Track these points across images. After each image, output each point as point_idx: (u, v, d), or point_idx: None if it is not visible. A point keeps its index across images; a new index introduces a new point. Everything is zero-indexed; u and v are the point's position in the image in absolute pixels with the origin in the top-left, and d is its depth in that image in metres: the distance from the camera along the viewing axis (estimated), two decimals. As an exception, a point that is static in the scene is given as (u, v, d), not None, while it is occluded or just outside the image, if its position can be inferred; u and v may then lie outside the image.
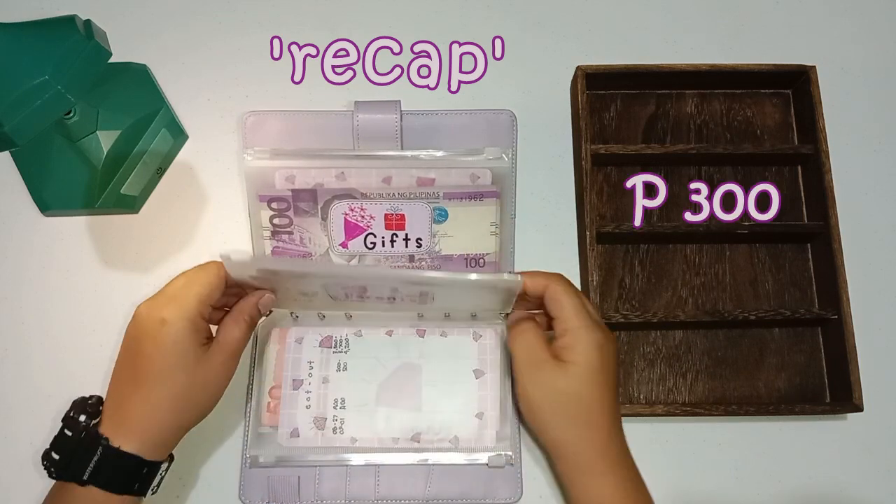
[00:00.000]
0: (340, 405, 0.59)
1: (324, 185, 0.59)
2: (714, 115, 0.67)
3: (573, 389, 0.52)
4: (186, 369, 0.49)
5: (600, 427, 0.52)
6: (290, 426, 0.59)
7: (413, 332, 0.61)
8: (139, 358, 0.49)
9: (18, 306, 0.63)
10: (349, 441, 0.59)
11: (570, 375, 0.52)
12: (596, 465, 0.52)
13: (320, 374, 0.60)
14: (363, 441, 0.58)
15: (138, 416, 0.49)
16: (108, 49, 0.53)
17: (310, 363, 0.60)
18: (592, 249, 0.61)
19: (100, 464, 0.48)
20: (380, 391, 0.59)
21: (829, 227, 0.61)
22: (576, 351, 0.52)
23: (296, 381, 0.60)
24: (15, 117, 0.49)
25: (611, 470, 0.52)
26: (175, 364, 0.49)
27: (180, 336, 0.49)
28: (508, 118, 0.64)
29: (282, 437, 0.59)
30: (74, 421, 0.50)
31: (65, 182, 0.63)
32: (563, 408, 0.52)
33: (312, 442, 0.58)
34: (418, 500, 0.58)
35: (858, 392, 0.58)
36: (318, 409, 0.59)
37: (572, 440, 0.52)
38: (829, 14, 0.71)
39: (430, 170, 0.60)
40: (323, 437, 0.59)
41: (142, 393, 0.49)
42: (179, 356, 0.49)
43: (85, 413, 0.50)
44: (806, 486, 0.60)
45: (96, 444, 0.48)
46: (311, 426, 0.59)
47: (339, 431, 0.59)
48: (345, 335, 0.61)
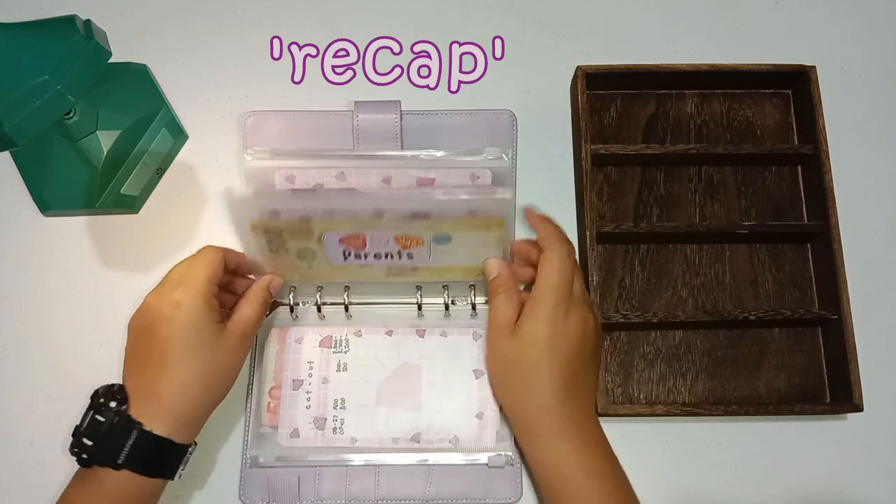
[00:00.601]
0: (340, 405, 0.59)
1: (324, 186, 0.59)
2: (714, 115, 0.67)
3: (515, 353, 0.53)
4: (209, 346, 0.51)
5: (541, 392, 0.52)
6: (290, 426, 0.59)
7: (413, 331, 0.61)
8: (158, 342, 0.50)
9: (18, 306, 0.63)
10: (349, 441, 0.58)
11: (520, 342, 0.53)
12: (541, 428, 0.52)
13: (320, 374, 0.60)
14: (363, 441, 0.58)
15: (168, 397, 0.50)
16: (108, 49, 0.53)
17: (309, 363, 0.60)
18: (592, 249, 0.61)
19: (134, 447, 0.48)
20: (380, 391, 0.59)
21: (829, 227, 0.61)
22: (531, 317, 0.53)
23: (296, 381, 0.60)
24: (15, 117, 0.49)
25: (559, 437, 0.52)
26: (197, 342, 0.50)
27: (197, 315, 0.50)
28: (508, 118, 0.64)
29: (282, 437, 0.58)
30: (105, 406, 0.50)
31: (65, 182, 0.63)
32: (510, 373, 0.54)
33: (312, 442, 0.58)
34: (418, 500, 0.58)
35: (858, 392, 0.58)
36: (318, 409, 0.59)
37: (519, 407, 0.54)
38: (829, 14, 0.71)
39: (430, 170, 0.60)
40: (323, 438, 0.59)
41: (168, 374, 0.50)
42: (200, 334, 0.51)
43: (115, 399, 0.50)
44: (806, 486, 0.60)
45: (130, 427, 0.49)
46: (311, 426, 0.59)
47: (339, 432, 0.59)
48: (344, 335, 0.61)
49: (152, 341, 0.51)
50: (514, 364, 0.53)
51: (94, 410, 0.50)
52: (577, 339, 0.53)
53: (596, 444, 0.53)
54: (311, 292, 0.60)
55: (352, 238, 0.55)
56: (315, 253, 0.56)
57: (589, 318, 0.54)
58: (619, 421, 0.60)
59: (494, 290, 0.56)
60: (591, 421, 0.54)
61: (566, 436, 0.52)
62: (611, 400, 0.61)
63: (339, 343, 0.61)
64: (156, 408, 0.50)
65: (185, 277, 0.52)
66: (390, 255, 0.57)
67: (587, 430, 0.53)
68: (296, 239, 0.55)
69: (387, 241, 0.56)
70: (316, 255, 0.56)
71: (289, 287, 0.60)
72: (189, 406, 0.51)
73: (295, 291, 0.60)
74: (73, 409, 0.60)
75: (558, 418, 0.52)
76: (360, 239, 0.55)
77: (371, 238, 0.55)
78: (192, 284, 0.51)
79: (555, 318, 0.52)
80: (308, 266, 0.57)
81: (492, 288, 0.56)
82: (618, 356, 0.62)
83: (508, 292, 0.55)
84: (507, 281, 0.56)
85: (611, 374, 0.62)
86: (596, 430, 0.54)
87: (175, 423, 0.50)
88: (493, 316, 0.55)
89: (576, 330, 0.53)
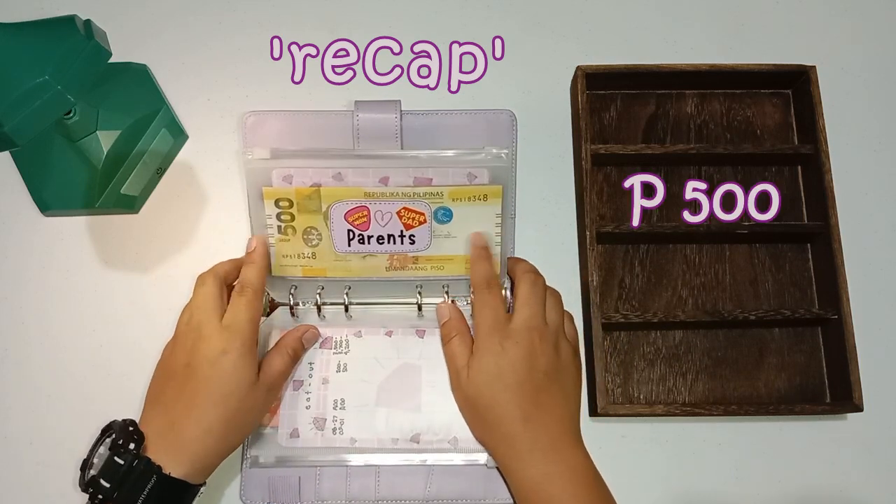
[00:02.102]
0: (340, 406, 0.59)
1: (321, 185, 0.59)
2: (714, 115, 0.67)
3: (473, 392, 0.55)
4: (240, 396, 0.52)
5: (501, 423, 0.53)
6: (290, 426, 0.59)
7: (413, 332, 0.61)
8: (194, 382, 0.51)
9: (18, 306, 0.63)
10: (349, 442, 0.59)
11: (471, 383, 0.55)
12: (509, 460, 0.54)
13: (320, 374, 0.60)
14: (363, 442, 0.59)
15: (190, 439, 0.50)
16: (108, 49, 0.53)
17: (310, 364, 0.60)
18: (592, 249, 0.61)
19: (153, 490, 0.48)
20: (379, 392, 0.59)
21: (829, 227, 0.61)
22: (475, 359, 0.55)
23: (296, 381, 0.60)
24: (15, 117, 0.49)
25: (525, 466, 0.53)
26: (232, 391, 0.52)
27: (241, 367, 0.52)
28: (508, 118, 0.64)
29: (282, 437, 0.59)
30: (124, 448, 0.49)
31: (65, 182, 0.63)
32: (470, 411, 0.56)
33: (312, 442, 0.58)
34: (418, 500, 0.58)
35: (858, 392, 0.58)
36: (317, 409, 0.59)
37: (485, 441, 0.56)
38: (829, 14, 0.71)
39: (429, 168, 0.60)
40: (323, 438, 0.59)
41: (195, 415, 0.51)
42: (237, 384, 0.52)
43: (133, 441, 0.49)
44: (806, 486, 0.60)
45: (150, 472, 0.48)
46: (311, 426, 0.59)
47: (339, 432, 0.59)
48: (344, 336, 0.61)
49: (188, 380, 0.51)
50: (474, 402, 0.55)
51: (112, 451, 0.49)
52: (522, 364, 0.53)
53: (568, 468, 0.52)
54: (312, 292, 0.60)
55: (357, 213, 0.56)
56: (321, 235, 0.56)
57: (532, 341, 0.54)
58: (619, 421, 0.60)
59: (447, 335, 0.58)
60: (561, 442, 0.53)
61: (534, 463, 0.53)
62: (611, 400, 0.61)
63: (339, 344, 0.61)
64: (176, 450, 0.50)
65: (230, 324, 0.53)
66: (393, 238, 0.57)
67: (557, 453, 0.53)
68: (304, 213, 0.57)
69: (390, 218, 0.57)
70: (321, 238, 0.56)
71: (290, 287, 0.60)
72: (209, 451, 0.51)
73: (295, 292, 0.60)
74: (73, 408, 0.61)
75: (522, 445, 0.53)
76: (365, 216, 0.56)
77: (375, 215, 0.56)
78: (241, 336, 0.52)
79: (494, 351, 0.54)
80: (312, 253, 0.58)
81: (444, 332, 0.59)
82: (618, 356, 0.62)
83: (461, 335, 0.57)
84: (458, 324, 0.58)
85: (611, 374, 0.62)
86: (569, 450, 0.53)
87: (192, 466, 0.50)
88: (450, 360, 0.57)
89: (518, 355, 0.54)
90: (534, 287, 0.56)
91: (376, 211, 0.58)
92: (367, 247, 0.59)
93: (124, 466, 0.48)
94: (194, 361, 0.52)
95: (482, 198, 0.58)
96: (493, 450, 0.55)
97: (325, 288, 0.60)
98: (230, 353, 0.52)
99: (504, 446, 0.54)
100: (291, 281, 0.61)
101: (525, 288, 0.56)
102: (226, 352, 0.51)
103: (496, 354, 0.54)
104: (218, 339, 0.52)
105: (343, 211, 0.58)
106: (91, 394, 0.61)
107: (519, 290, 0.56)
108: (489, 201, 0.58)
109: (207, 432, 0.51)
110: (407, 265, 0.60)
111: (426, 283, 0.61)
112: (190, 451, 0.50)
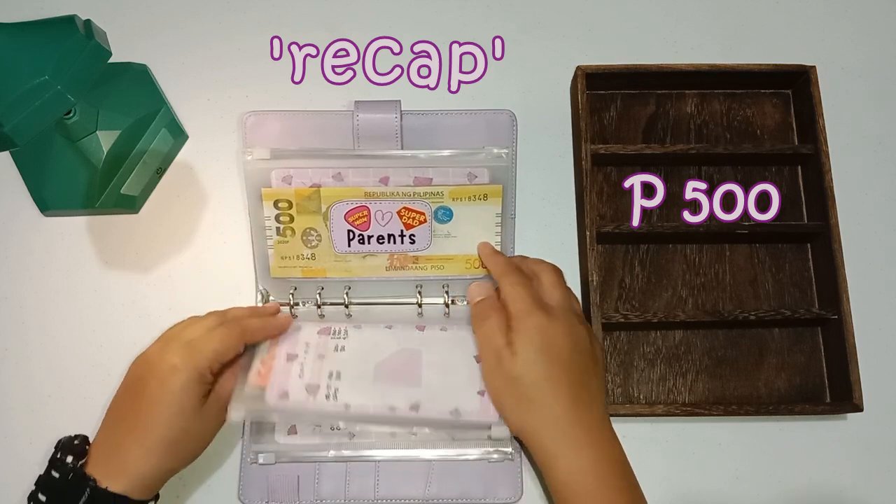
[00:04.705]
0: (336, 377, 0.56)
1: (321, 185, 0.59)
2: (714, 115, 0.67)
3: (518, 373, 0.52)
4: (185, 418, 0.50)
5: (552, 407, 0.51)
6: (280, 389, 0.55)
7: (412, 326, 0.60)
8: (141, 399, 0.50)
9: (18, 306, 0.63)
10: (343, 407, 0.55)
11: (516, 361, 0.52)
12: (555, 445, 0.51)
13: (316, 351, 0.58)
14: (357, 408, 0.55)
15: (130, 458, 0.49)
16: (108, 49, 0.53)
17: (306, 343, 0.58)
18: (592, 249, 0.61)
19: None
20: (377, 369, 0.57)
21: (829, 227, 0.61)
22: (518, 336, 0.52)
23: (290, 354, 0.57)
24: (15, 117, 0.49)
25: (572, 450, 0.51)
26: (176, 412, 0.50)
27: (187, 386, 0.50)
28: (508, 118, 0.64)
29: (270, 397, 0.55)
30: (61, 462, 0.49)
31: (65, 182, 0.63)
32: (513, 392, 0.53)
33: (303, 405, 0.55)
34: (418, 499, 0.58)
35: (858, 392, 0.58)
36: (311, 378, 0.56)
37: (528, 423, 0.52)
38: (829, 14, 0.71)
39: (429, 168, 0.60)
40: (315, 402, 0.55)
41: (136, 435, 0.49)
42: (182, 405, 0.50)
43: (72, 454, 0.49)
44: (806, 486, 0.60)
45: (84, 485, 0.48)
46: (302, 391, 0.55)
47: (333, 398, 0.55)
48: (344, 327, 0.60)
49: (137, 396, 0.50)
50: (517, 381, 0.52)
51: (49, 465, 0.49)
52: (567, 343, 0.52)
53: (610, 454, 0.52)
54: (312, 293, 0.60)
55: (357, 213, 0.55)
56: (320, 236, 0.56)
57: (573, 322, 0.54)
58: (619, 421, 0.60)
59: (483, 314, 0.55)
60: (602, 426, 0.52)
61: (579, 445, 0.51)
62: (611, 400, 0.61)
63: (338, 332, 0.60)
64: (116, 466, 0.49)
65: (194, 345, 0.51)
66: (393, 238, 0.57)
67: (600, 437, 0.52)
68: (303, 214, 0.56)
69: (390, 218, 0.56)
70: (321, 239, 0.56)
71: (290, 286, 0.60)
72: (152, 469, 0.49)
73: (295, 292, 0.60)
74: (72, 409, 0.61)
75: (568, 426, 0.51)
76: (365, 216, 0.56)
77: (375, 215, 0.55)
78: (195, 356, 0.50)
79: (540, 326, 0.52)
80: (312, 254, 0.58)
81: (478, 311, 0.56)
82: (618, 356, 0.62)
83: (498, 313, 0.55)
84: (494, 302, 0.56)
85: (611, 374, 0.62)
86: (609, 436, 0.52)
87: (132, 483, 0.49)
88: (487, 341, 0.54)
89: (562, 332, 0.52)
90: (559, 275, 0.57)
91: (376, 211, 0.58)
92: (367, 247, 0.59)
93: (60, 479, 0.48)
94: (147, 375, 0.50)
95: (482, 197, 0.58)
96: (535, 435, 0.52)
97: (324, 288, 0.60)
98: (180, 373, 0.49)
99: (551, 429, 0.51)
100: (291, 281, 0.61)
101: (551, 274, 0.56)
102: (176, 370, 0.49)
103: (542, 330, 0.52)
104: (174, 355, 0.50)
105: (343, 211, 0.58)
106: (91, 394, 0.61)
107: (544, 276, 0.56)
108: (489, 201, 0.58)
109: (150, 452, 0.49)
110: (407, 265, 0.60)
111: (426, 282, 0.61)
112: (130, 469, 0.49)
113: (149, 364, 0.51)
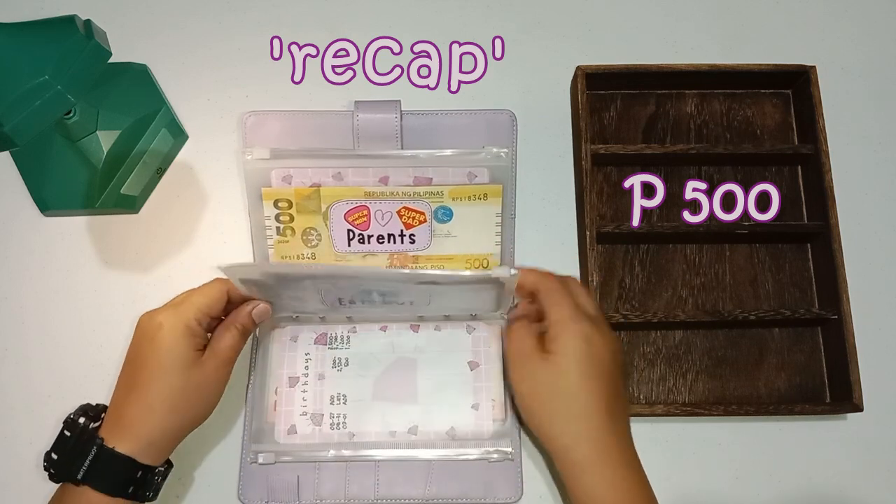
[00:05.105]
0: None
1: (321, 185, 0.59)
2: (714, 115, 0.67)
3: (557, 381, 0.51)
4: (180, 372, 0.50)
5: (589, 419, 0.50)
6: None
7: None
8: (137, 362, 0.51)
9: (18, 306, 0.63)
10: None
11: (554, 367, 0.51)
12: (588, 459, 0.50)
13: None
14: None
15: (133, 418, 0.50)
16: (108, 49, 0.53)
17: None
18: (592, 249, 0.61)
19: (93, 463, 0.48)
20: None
21: (829, 227, 0.61)
22: (559, 342, 0.51)
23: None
24: (15, 117, 0.49)
25: (606, 465, 0.50)
26: (169, 367, 0.50)
27: (174, 339, 0.50)
28: (508, 118, 0.64)
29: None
30: (74, 423, 0.51)
31: (65, 182, 0.63)
32: (549, 400, 0.52)
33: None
34: (418, 499, 0.58)
35: (858, 392, 0.58)
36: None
37: (561, 434, 0.51)
38: (829, 14, 0.71)
39: (429, 168, 0.60)
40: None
41: (137, 394, 0.50)
42: (173, 359, 0.50)
43: (86, 416, 0.51)
44: (806, 486, 0.60)
45: (91, 443, 0.49)
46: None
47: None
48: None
49: (134, 360, 0.51)
50: (549, 391, 0.51)
51: (63, 426, 0.50)
52: (607, 353, 0.52)
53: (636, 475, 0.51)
54: None
55: (357, 213, 0.56)
56: (320, 235, 0.56)
57: (612, 336, 0.53)
58: (619, 421, 0.60)
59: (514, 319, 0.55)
60: (629, 445, 0.52)
61: (611, 466, 0.50)
62: (611, 400, 0.61)
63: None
64: (123, 428, 0.50)
65: (177, 304, 0.52)
66: (393, 237, 0.57)
67: (628, 458, 0.51)
68: (303, 214, 0.56)
69: (390, 218, 0.57)
70: (321, 239, 0.56)
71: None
72: (154, 429, 0.50)
73: None
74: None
75: (609, 441, 0.50)
76: (365, 215, 0.56)
77: (375, 215, 0.56)
78: (178, 311, 0.51)
79: (584, 333, 0.51)
80: (312, 254, 0.58)
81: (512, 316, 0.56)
82: (618, 356, 0.62)
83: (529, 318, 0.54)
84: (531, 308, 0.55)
85: (611, 374, 0.62)
86: (633, 455, 0.52)
87: (138, 444, 0.49)
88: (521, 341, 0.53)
89: (603, 342, 0.52)
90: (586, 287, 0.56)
91: (376, 210, 0.58)
92: (367, 246, 0.59)
93: (71, 439, 0.49)
94: (140, 339, 0.51)
95: (482, 197, 0.58)
96: (565, 444, 0.51)
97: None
98: (166, 329, 0.50)
99: (588, 443, 0.50)
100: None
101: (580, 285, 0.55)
102: (161, 326, 0.50)
103: (587, 338, 0.51)
104: (158, 314, 0.51)
105: (343, 211, 0.58)
106: (91, 394, 0.60)
107: (574, 287, 0.55)
108: (489, 200, 0.58)
109: (151, 410, 0.50)
110: (407, 264, 0.60)
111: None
112: (134, 428, 0.49)
113: (140, 329, 0.51)
